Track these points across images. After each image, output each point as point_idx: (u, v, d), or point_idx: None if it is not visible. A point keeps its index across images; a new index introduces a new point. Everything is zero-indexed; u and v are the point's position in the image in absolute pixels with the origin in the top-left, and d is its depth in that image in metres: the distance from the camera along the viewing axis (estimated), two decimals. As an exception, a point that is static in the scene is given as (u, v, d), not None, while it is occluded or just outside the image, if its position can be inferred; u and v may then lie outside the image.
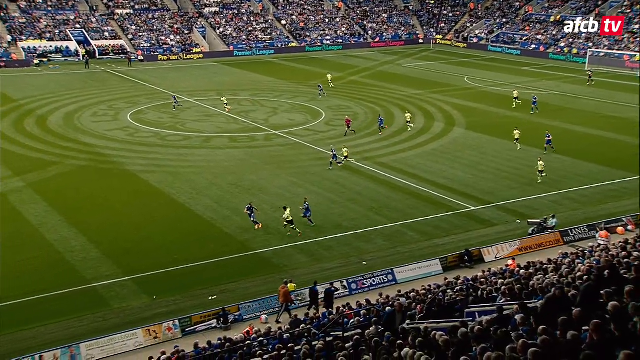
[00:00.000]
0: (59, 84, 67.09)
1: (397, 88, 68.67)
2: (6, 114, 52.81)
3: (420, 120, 54.34)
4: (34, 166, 39.89)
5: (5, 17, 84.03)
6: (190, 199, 35.29)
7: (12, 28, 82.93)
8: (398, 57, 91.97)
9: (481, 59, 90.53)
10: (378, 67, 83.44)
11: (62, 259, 27.66)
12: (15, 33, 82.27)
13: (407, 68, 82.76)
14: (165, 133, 48.69)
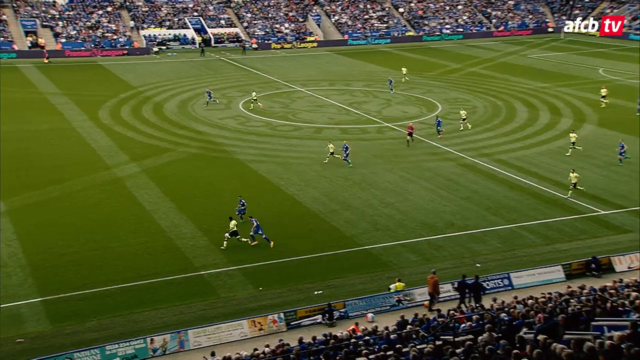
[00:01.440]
0: (175, 72, 70.76)
1: (520, 81, 66.07)
2: (126, 101, 56.47)
3: (545, 115, 51.98)
4: (149, 152, 42.37)
5: (129, 6, 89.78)
6: (299, 190, 36.01)
7: (135, 16, 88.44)
8: (523, 48, 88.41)
9: (619, 49, 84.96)
10: (500, 58, 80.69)
11: (173, 245, 29.22)
12: (137, 21, 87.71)
13: (533, 59, 79.36)
14: (276, 123, 49.97)
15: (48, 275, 26.10)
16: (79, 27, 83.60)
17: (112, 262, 27.45)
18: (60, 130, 46.89)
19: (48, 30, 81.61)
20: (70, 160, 40.39)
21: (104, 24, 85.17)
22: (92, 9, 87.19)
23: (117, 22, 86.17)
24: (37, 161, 39.95)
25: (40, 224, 30.83)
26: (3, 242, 28.67)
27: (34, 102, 55.04)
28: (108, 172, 38.37)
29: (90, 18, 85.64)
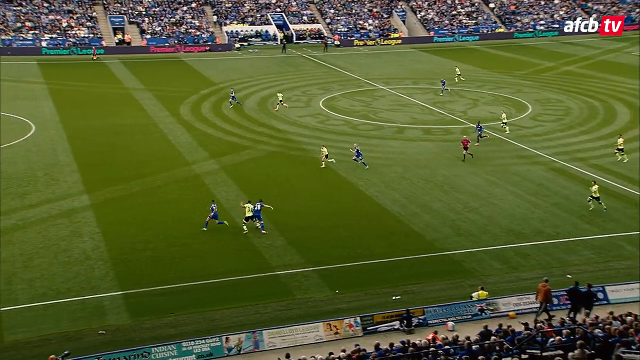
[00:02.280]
0: (256, 68, 72.15)
1: (623, 80, 63.17)
2: (207, 97, 58.07)
3: (649, 117, 49.51)
4: (229, 149, 43.38)
5: (213, 2, 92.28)
6: (379, 192, 35.90)
7: (219, 12, 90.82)
8: (627, 44, 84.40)
9: None
10: (600, 56, 77.46)
11: (250, 244, 29.78)
12: (220, 17, 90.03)
13: (638, 57, 75.64)
14: (357, 122, 49.99)
15: (128, 270, 27.20)
16: (163, 23, 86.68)
17: (189, 258, 28.30)
18: (143, 125, 48.80)
19: (134, 27, 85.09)
20: (152, 156, 41.94)
21: (187, 20, 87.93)
22: (177, 5, 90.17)
23: (200, 18, 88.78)
24: (121, 156, 41.71)
25: (122, 219, 32.18)
26: (87, 235, 30.13)
27: (119, 98, 57.53)
28: (187, 168, 39.57)
29: (175, 14, 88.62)
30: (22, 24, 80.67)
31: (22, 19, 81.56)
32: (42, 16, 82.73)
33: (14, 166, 38.72)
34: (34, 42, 78.57)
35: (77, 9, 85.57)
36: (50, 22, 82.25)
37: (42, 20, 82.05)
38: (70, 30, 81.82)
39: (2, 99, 54.85)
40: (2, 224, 30.95)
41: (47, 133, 45.90)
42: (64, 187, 35.84)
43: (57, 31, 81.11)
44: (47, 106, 53.46)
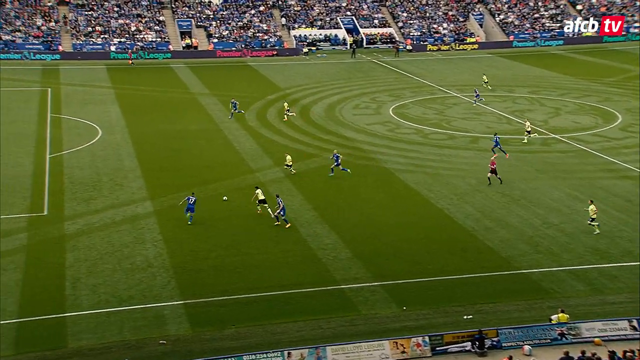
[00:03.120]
0: (324, 74, 72.61)
1: None
2: (273, 103, 58.82)
3: None
4: (294, 157, 43.65)
5: (282, 6, 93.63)
6: (450, 204, 35.40)
7: (287, 16, 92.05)
8: None
9: None
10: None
11: (314, 255, 29.89)
12: (289, 21, 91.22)
13: None
14: (428, 130, 49.52)
15: (190, 279, 27.74)
16: (231, 27, 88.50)
17: (252, 269, 28.63)
18: (207, 131, 49.86)
19: (202, 31, 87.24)
20: (216, 162, 42.76)
21: (255, 24, 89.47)
22: (244, 9, 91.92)
23: (268, 22, 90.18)
24: (185, 162, 42.72)
25: (185, 226, 32.89)
26: (149, 242, 30.96)
27: (185, 103, 59.01)
28: (251, 176, 40.12)
29: (243, 18, 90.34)
30: (93, 29, 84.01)
31: (92, 23, 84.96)
32: (112, 20, 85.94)
33: (80, 171, 40.24)
34: (103, 46, 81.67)
35: (146, 12, 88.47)
36: (120, 26, 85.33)
37: (111, 25, 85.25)
38: (138, 34, 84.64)
39: (72, 104, 57.23)
40: (68, 228, 32.20)
41: (112, 138, 47.55)
42: (128, 193, 36.98)
43: (125, 35, 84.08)
44: (114, 111, 55.39)
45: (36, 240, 30.95)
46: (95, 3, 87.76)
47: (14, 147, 44.46)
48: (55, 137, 47.35)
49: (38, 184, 38.00)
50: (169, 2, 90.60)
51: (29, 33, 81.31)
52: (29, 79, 67.41)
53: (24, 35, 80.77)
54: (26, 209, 34.42)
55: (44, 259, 29.01)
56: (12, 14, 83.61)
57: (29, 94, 60.89)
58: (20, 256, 29.16)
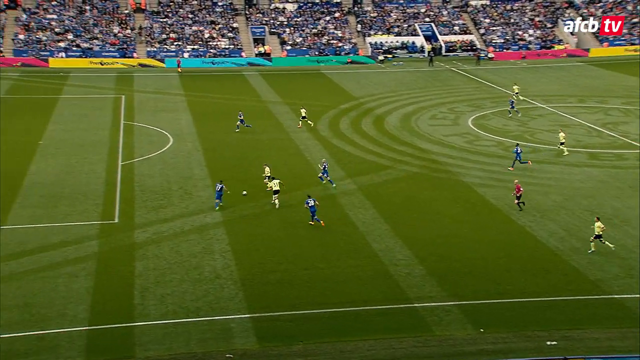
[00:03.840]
0: (400, 83, 72.38)
1: None
2: (346, 112, 59.05)
3: None
4: (367, 169, 43.72)
5: (357, 12, 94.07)
6: (532, 221, 34.58)
7: (363, 22, 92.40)
8: None
9: None
10: None
11: (386, 271, 29.74)
12: (365, 27, 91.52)
13: None
14: (510, 143, 48.55)
15: (258, 291, 28.08)
16: (305, 34, 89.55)
17: (321, 283, 28.74)
18: (278, 140, 50.51)
19: (275, 38, 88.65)
20: (286, 172, 43.15)
21: (330, 31, 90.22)
22: (319, 15, 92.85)
23: (343, 29, 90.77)
24: (255, 172, 43.29)
25: (253, 237, 33.37)
26: (218, 253, 31.57)
27: (256, 111, 59.94)
28: (322, 187, 40.31)
29: (317, 24, 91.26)
30: (167, 36, 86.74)
31: (167, 30, 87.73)
32: (186, 27, 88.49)
33: (151, 179, 41.48)
34: (177, 53, 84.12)
35: (220, 19, 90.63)
36: (193, 33, 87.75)
37: (185, 32, 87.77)
38: (211, 41, 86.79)
39: (144, 111, 59.15)
40: (138, 237, 33.24)
41: (183, 146, 48.81)
42: (198, 202, 37.85)
43: (198, 42, 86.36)
44: (185, 118, 56.89)
45: (107, 247, 32.07)
46: (170, 10, 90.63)
47: (88, 154, 46.27)
48: (128, 144, 49.02)
49: (110, 191, 39.40)
50: (242, 9, 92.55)
51: (106, 40, 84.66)
52: (103, 86, 70.12)
53: (101, 43, 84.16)
54: (98, 216, 35.73)
55: (114, 267, 30.02)
56: (90, 22, 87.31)
57: (103, 101, 63.33)
58: (91, 263, 30.27)
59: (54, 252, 31.19)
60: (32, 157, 45.13)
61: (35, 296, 27.17)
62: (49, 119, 55.61)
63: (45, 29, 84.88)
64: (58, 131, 51.84)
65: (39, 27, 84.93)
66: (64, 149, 46.78)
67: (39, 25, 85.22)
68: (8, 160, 44.35)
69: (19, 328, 24.97)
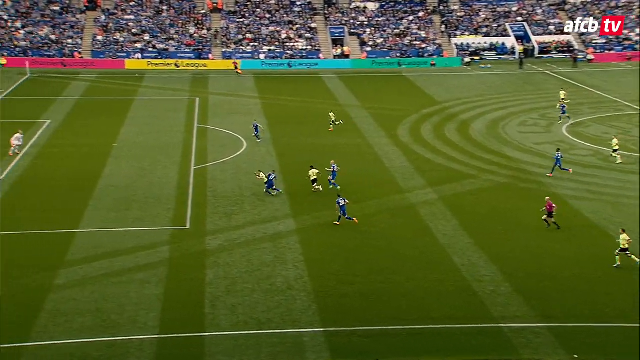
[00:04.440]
0: (488, 87, 71.24)
1: None
2: (428, 117, 58.56)
3: None
4: (449, 178, 43.16)
5: (443, 11, 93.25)
6: (634, 239, 33.27)
7: (449, 22, 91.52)
8: None
9: None
10: None
11: (469, 287, 29.24)
12: (450, 27, 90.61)
13: None
14: (609, 152, 47.01)
15: (331, 304, 28.10)
16: (386, 34, 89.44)
17: (398, 298, 28.52)
18: (356, 146, 50.53)
19: (355, 39, 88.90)
20: (364, 180, 43.18)
21: (413, 31, 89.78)
22: (402, 15, 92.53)
23: (427, 29, 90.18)
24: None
25: (328, 247, 33.47)
26: (291, 262, 31.81)
27: (335, 115, 60.25)
28: (401, 196, 40.10)
29: (400, 25, 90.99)
30: (243, 36, 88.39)
31: (243, 30, 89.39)
32: (263, 28, 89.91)
33: (223, 184, 42.26)
34: (253, 54, 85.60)
35: (298, 19, 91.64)
36: (270, 33, 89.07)
37: (262, 32, 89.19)
38: (288, 42, 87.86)
39: (218, 114, 60.35)
40: (209, 243, 33.91)
41: (257, 150, 49.51)
42: (271, 209, 38.28)
43: (275, 43, 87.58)
44: (260, 122, 57.66)
45: (178, 254, 32.83)
46: (247, 10, 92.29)
47: (160, 157, 47.58)
48: (201, 148, 50.13)
49: (182, 196, 40.35)
50: (321, 9, 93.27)
51: (182, 41, 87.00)
52: (178, 88, 72.05)
53: (177, 44, 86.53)
54: (169, 222, 36.66)
55: (185, 274, 30.69)
56: (167, 22, 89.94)
57: (178, 103, 65.07)
58: (162, 270, 31.07)
59: (126, 257, 32.19)
60: (106, 160, 46.76)
61: (107, 302, 28.07)
62: (123, 121, 57.53)
63: (123, 30, 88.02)
64: (132, 133, 53.56)
65: (116, 28, 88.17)
66: (137, 152, 48.28)
67: (117, 26, 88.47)
68: (83, 162, 46.19)
69: (91, 333, 25.85)
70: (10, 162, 45.51)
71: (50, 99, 65.47)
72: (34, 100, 65.41)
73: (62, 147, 49.33)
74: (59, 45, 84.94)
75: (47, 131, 53.99)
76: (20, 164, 45.53)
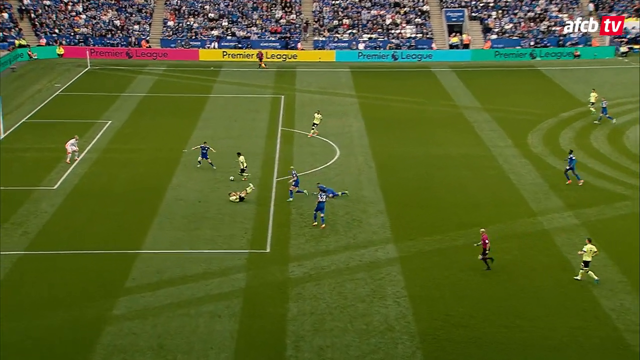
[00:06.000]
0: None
1: None
2: (569, 122, 57.40)
3: None
4: (595, 198, 42.08)
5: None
6: None
7: (601, 3, 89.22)
8: None
9: None
10: None
11: (620, 339, 28.39)
12: (602, 9, 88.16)
13: None
14: None
15: (442, 352, 27.86)
16: (517, 18, 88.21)
17: (524, 348, 27.99)
18: (474, 157, 50.00)
19: (476, 24, 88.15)
20: (484, 199, 42.66)
21: (551, 14, 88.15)
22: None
23: (570, 10, 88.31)
24: (442, 196, 43.16)
25: (437, 280, 33.19)
26: (391, 297, 31.73)
27: (447, 119, 59.95)
28: (532, 220, 39.43)
29: (534, 6, 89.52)
30: (339, 22, 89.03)
31: (339, 15, 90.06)
32: (363, 11, 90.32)
33: (311, 200, 42.53)
34: (350, 44, 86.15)
35: (406, 1, 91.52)
36: (372, 18, 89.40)
37: (362, 17, 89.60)
38: (394, 28, 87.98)
39: (307, 115, 60.92)
40: (293, 271, 34.27)
41: (352, 160, 49.77)
42: (367, 232, 38.38)
43: (378, 30, 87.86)
44: (356, 125, 58.00)
45: (256, 282, 33.32)
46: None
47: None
48: (285, 156, 50.80)
49: (261, 213, 40.95)
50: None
51: (266, 28, 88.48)
52: (260, 84, 73.44)
53: (260, 31, 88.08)
54: (246, 244, 37.30)
55: (264, 308, 31.07)
56: (249, 4, 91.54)
57: (259, 101, 66.27)
58: (237, 301, 31.58)
59: (195, 284, 32.92)
60: (174, 168, 48.06)
61: (172, 337, 28.75)
62: (195, 123, 59.06)
63: (198, 14, 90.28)
64: (205, 137, 54.57)
65: (190, 11, 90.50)
66: (210, 159, 49.21)
67: (191, 9, 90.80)
68: (148, 171, 47.68)
69: (152, 375, 26.65)
70: (65, 170, 47.33)
71: (112, 95, 68.15)
72: (93, 97, 68.09)
73: (123, 153, 50.95)
74: (124, 32, 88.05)
75: (108, 133, 56.03)
76: (76, 172, 47.28)
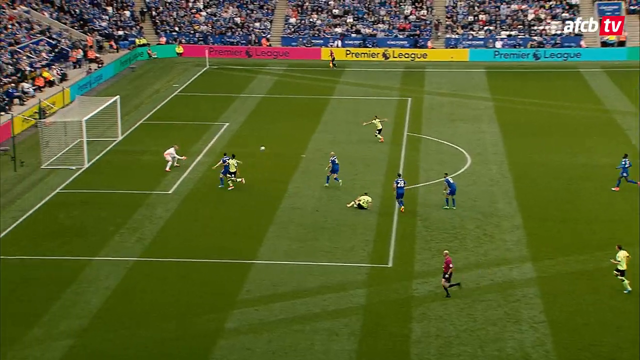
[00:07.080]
0: None
1: None
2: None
3: None
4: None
5: None
6: None
7: None
8: None
9: None
10: None
11: None
12: None
13: None
14: None
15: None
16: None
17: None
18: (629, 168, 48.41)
19: (635, 18, 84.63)
20: (630, 215, 41.26)
21: None
22: None
23: None
24: (587, 211, 42.15)
25: (580, 305, 32.36)
26: (527, 322, 31.06)
27: (596, 125, 58.57)
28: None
29: None
30: (475, 18, 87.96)
31: (475, 10, 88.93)
32: (502, 6, 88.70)
33: (438, 212, 42.27)
34: (486, 42, 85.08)
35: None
36: (512, 14, 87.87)
37: (500, 12, 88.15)
38: (537, 24, 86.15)
39: (435, 120, 60.77)
40: (417, 289, 34.01)
41: (485, 169, 49.25)
42: (501, 249, 37.87)
43: (518, 26, 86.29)
44: (490, 132, 57.23)
45: (377, 299, 33.32)
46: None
47: (359, 174, 48.46)
48: (411, 163, 50.68)
49: (384, 225, 40.96)
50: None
51: (394, 24, 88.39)
52: (386, 85, 73.54)
53: (387, 27, 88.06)
54: (367, 258, 37.36)
55: (385, 327, 30.98)
56: (376, 0, 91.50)
57: (384, 104, 66.27)
58: (356, 319, 31.62)
59: (312, 299, 33.22)
60: (292, 174, 48.75)
61: (286, 354, 29.04)
62: (315, 126, 59.67)
63: (321, 10, 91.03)
64: (325, 142, 55.15)
65: (314, 7, 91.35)
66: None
67: (315, 5, 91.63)
68: (266, 177, 48.47)
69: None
70: (181, 174, 48.69)
71: (231, 96, 69.62)
72: (211, 98, 69.85)
73: (240, 157, 51.81)
74: (244, 30, 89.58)
75: (224, 136, 57.41)
76: (192, 176, 48.64)
